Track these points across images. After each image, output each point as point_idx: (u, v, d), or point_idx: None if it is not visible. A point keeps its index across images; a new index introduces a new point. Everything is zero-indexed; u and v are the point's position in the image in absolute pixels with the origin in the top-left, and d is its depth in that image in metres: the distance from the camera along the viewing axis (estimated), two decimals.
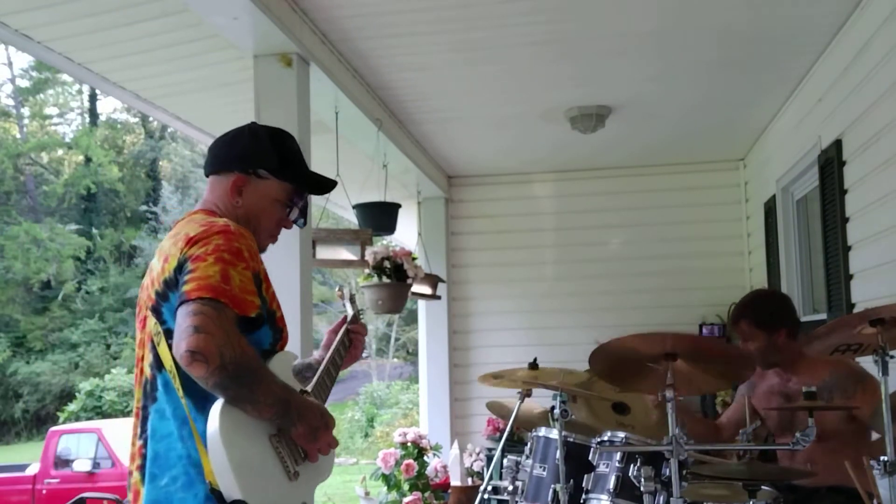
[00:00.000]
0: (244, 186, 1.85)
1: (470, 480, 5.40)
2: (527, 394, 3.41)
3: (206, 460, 1.56)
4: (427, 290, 5.25)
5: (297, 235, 3.14)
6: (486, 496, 3.52)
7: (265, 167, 1.86)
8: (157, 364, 1.67)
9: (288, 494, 1.62)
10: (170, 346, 1.61)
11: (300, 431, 1.64)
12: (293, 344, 3.08)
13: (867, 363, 2.58)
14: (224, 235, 1.67)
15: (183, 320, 1.53)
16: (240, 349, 1.54)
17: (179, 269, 1.63)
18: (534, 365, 3.41)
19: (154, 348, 1.68)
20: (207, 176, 1.91)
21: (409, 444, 5.21)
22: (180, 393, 1.62)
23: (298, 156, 1.95)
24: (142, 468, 1.65)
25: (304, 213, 1.97)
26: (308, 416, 1.65)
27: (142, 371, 1.72)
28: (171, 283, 1.65)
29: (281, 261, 3.14)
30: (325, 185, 2.01)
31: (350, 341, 2.04)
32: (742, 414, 3.00)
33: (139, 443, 1.68)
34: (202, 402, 1.59)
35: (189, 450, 1.60)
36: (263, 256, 1.87)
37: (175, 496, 1.59)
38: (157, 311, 1.67)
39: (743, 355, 2.92)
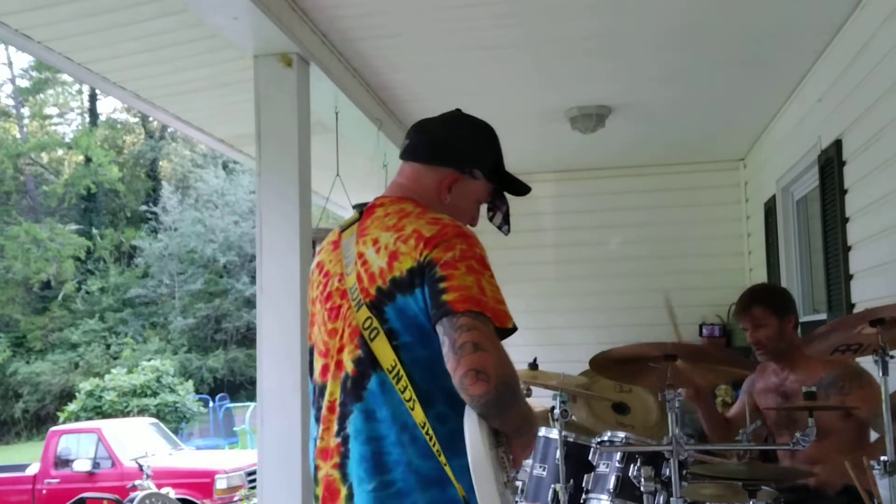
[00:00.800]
0: (455, 184, 1.77)
1: None
2: (527, 393, 3.41)
3: (450, 475, 1.51)
4: None
5: (297, 235, 3.14)
6: None
7: (480, 168, 1.80)
8: (371, 362, 1.57)
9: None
10: (395, 348, 1.54)
11: (523, 441, 1.60)
12: (293, 343, 3.09)
13: (867, 363, 2.58)
14: (465, 240, 1.58)
15: (457, 335, 1.46)
16: (509, 366, 1.50)
17: (419, 271, 1.54)
18: (534, 365, 3.41)
19: (366, 344, 1.58)
20: (408, 160, 1.80)
21: None
22: (406, 395, 1.53)
23: (502, 156, 1.87)
24: (340, 467, 1.59)
25: (507, 218, 1.92)
26: (533, 426, 1.61)
27: (339, 364, 1.62)
28: (403, 285, 1.55)
29: (281, 261, 3.14)
30: (524, 190, 1.91)
31: None
32: (744, 410, 3.02)
33: (337, 440, 1.60)
34: (428, 408, 1.53)
35: (410, 456, 1.54)
36: (267, 254, 1.87)
37: (387, 502, 1.53)
38: (377, 308, 1.57)
39: (739, 359, 2.94)
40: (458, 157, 1.79)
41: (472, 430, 1.48)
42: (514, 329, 1.56)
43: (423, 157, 1.79)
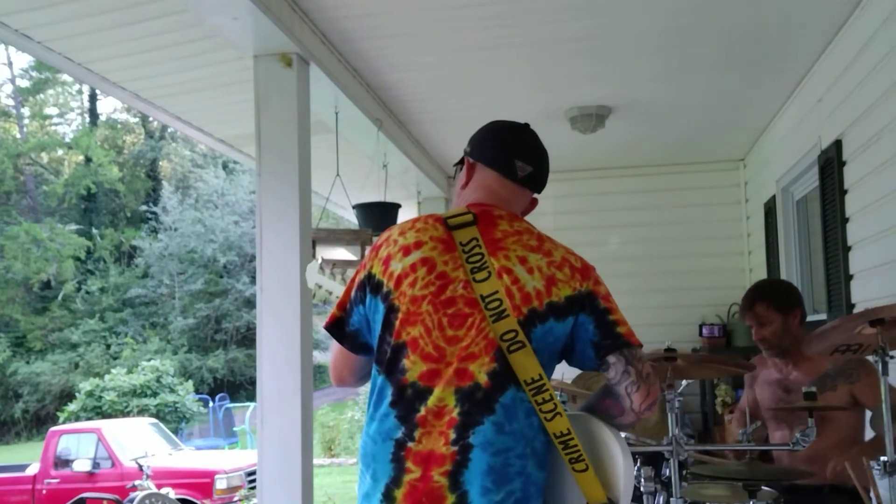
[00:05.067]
0: (533, 206, 1.90)
1: None
2: None
3: (592, 477, 1.59)
4: None
5: (297, 235, 3.14)
6: None
7: None
8: (509, 375, 1.61)
9: None
10: (543, 364, 1.62)
11: None
12: (293, 343, 3.09)
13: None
14: (597, 274, 1.75)
15: (641, 366, 1.65)
16: None
17: (579, 301, 1.66)
18: None
19: (503, 357, 1.61)
20: (526, 188, 1.84)
21: None
22: (546, 407, 1.61)
23: None
24: (452, 475, 1.58)
25: None
26: None
27: (463, 374, 1.62)
28: (559, 311, 1.65)
29: (281, 261, 3.14)
30: None
31: None
32: (751, 404, 3.02)
33: (453, 448, 1.59)
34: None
35: (530, 468, 1.61)
36: (267, 254, 1.86)
37: None
38: (526, 327, 1.62)
39: (738, 361, 2.95)
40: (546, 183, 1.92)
41: (622, 440, 1.63)
42: None
43: (536, 186, 1.87)
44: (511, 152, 1.82)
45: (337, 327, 1.80)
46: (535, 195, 1.90)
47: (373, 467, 1.65)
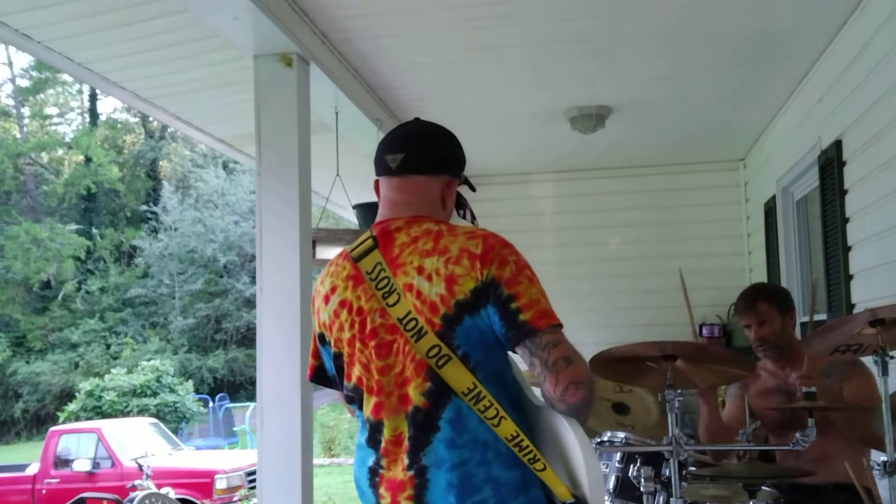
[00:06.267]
0: (450, 188, 1.82)
1: None
2: None
3: (553, 476, 1.55)
4: None
5: (297, 235, 3.14)
6: None
7: (461, 169, 1.87)
8: (444, 391, 1.60)
9: None
10: (472, 370, 1.58)
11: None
12: (293, 343, 3.09)
13: (867, 363, 2.58)
14: (510, 249, 1.64)
15: (546, 354, 1.55)
16: (587, 365, 1.60)
17: (483, 291, 1.59)
18: None
19: (435, 374, 1.59)
20: (408, 173, 1.76)
21: None
22: (489, 414, 1.57)
23: None
24: (415, 498, 1.60)
25: (472, 213, 1.98)
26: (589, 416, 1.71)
27: (404, 399, 1.63)
28: (469, 306, 1.59)
29: (281, 261, 3.14)
30: (473, 187, 2.01)
31: None
32: (739, 413, 3.01)
33: (409, 473, 1.61)
34: (518, 416, 1.61)
35: (496, 472, 1.59)
36: (267, 254, 1.85)
37: None
38: (445, 336, 1.59)
39: (738, 356, 2.94)
40: (453, 163, 1.84)
41: (579, 432, 1.55)
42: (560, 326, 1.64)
43: (425, 168, 1.79)
44: (381, 153, 1.82)
45: (319, 375, 1.86)
46: (450, 177, 1.82)
47: (360, 490, 1.73)
